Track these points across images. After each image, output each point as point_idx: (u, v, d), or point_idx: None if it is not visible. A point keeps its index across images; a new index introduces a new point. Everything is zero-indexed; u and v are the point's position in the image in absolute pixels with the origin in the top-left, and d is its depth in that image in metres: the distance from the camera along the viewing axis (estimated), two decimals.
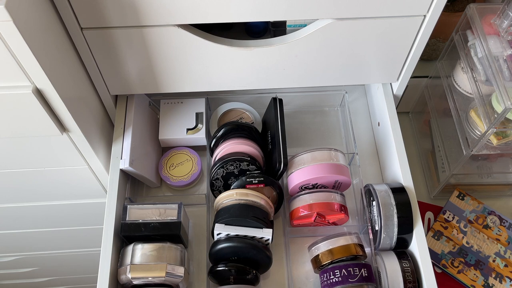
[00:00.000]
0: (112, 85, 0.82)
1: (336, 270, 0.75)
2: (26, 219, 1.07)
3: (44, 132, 0.72)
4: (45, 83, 0.63)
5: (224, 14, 0.68)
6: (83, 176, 0.88)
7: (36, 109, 0.66)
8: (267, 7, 0.68)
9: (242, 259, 0.77)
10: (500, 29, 0.78)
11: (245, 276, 0.77)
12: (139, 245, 0.75)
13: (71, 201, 1.00)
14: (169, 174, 0.89)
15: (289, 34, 0.77)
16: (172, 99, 0.94)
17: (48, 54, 0.62)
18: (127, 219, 0.77)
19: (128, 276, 0.72)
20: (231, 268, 0.75)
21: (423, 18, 0.73)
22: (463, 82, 0.86)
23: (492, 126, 0.77)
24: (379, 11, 0.71)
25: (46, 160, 0.82)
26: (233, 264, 0.76)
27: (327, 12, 0.70)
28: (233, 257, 0.77)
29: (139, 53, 0.75)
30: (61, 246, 1.25)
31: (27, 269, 1.37)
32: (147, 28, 0.70)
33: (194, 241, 0.87)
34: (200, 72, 0.80)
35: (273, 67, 0.80)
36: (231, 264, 0.76)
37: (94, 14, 0.67)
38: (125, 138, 0.84)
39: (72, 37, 0.71)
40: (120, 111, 0.87)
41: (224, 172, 0.82)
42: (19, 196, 0.97)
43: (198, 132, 0.90)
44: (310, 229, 0.85)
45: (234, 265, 0.76)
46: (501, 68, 0.76)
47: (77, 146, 0.77)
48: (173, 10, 0.67)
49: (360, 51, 0.78)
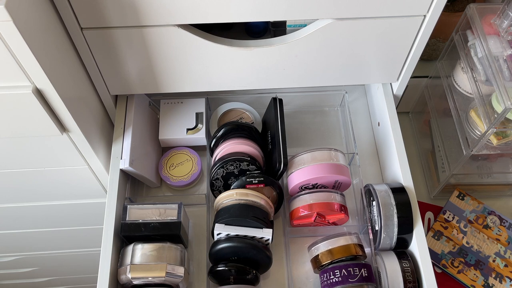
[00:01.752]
0: (112, 85, 0.82)
1: (336, 270, 0.75)
2: (26, 219, 1.07)
3: (44, 132, 0.72)
4: (45, 83, 0.63)
5: (224, 14, 0.68)
6: (83, 176, 0.88)
7: (36, 109, 0.66)
8: (267, 7, 0.68)
9: (242, 259, 0.77)
10: (500, 29, 0.78)
11: (245, 276, 0.77)
12: (139, 245, 0.75)
13: (71, 201, 1.00)
14: (169, 174, 0.89)
15: (289, 34, 0.77)
16: (172, 99, 0.94)
17: (48, 54, 0.62)
18: (127, 219, 0.77)
19: (128, 276, 0.72)
20: (231, 268, 0.75)
21: (423, 18, 0.73)
22: (463, 82, 0.86)
23: (492, 126, 0.77)
24: (379, 11, 0.71)
25: (46, 160, 0.82)
26: (233, 264, 0.76)
27: (327, 12, 0.70)
28: (233, 257, 0.77)
29: (139, 53, 0.75)
30: (61, 246, 1.25)
31: (27, 269, 1.37)
32: (147, 28, 0.70)
33: (194, 241, 0.87)
34: (200, 72, 0.80)
35: (273, 67, 0.80)
36: (231, 264, 0.76)
37: (94, 14, 0.67)
38: (125, 138, 0.84)
39: (72, 37, 0.71)
40: (120, 111, 0.87)
41: (224, 172, 0.82)
42: (19, 196, 0.97)
43: (198, 132, 0.90)
44: (310, 229, 0.85)
45: (234, 265, 0.76)
46: (501, 68, 0.76)
47: (77, 146, 0.77)
48: (173, 10, 0.67)
49: (360, 51, 0.78)
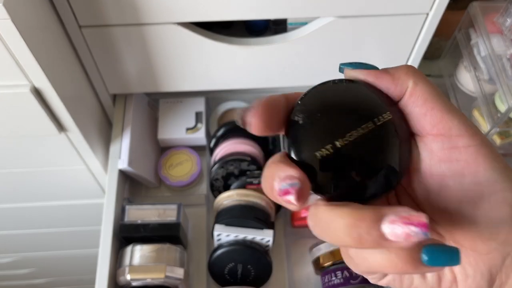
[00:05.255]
0: (111, 83, 0.81)
1: (338, 271, 0.74)
2: (24, 219, 1.07)
3: (41, 131, 0.71)
4: (43, 82, 0.62)
5: (224, 12, 0.68)
6: (81, 176, 0.87)
7: (34, 108, 0.65)
8: (268, 5, 0.67)
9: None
10: (503, 27, 0.78)
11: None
12: (138, 246, 0.74)
13: (68, 202, 0.99)
14: (168, 174, 0.88)
15: (290, 32, 0.76)
16: (171, 98, 0.93)
17: (46, 52, 0.61)
18: (125, 219, 0.77)
19: (126, 278, 0.71)
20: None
21: (426, 16, 0.72)
22: (466, 81, 0.86)
23: (495, 125, 0.76)
24: (381, 9, 0.70)
25: (43, 160, 0.81)
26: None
27: (328, 10, 0.70)
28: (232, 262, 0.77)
29: (138, 51, 0.74)
30: (59, 247, 1.24)
31: (24, 270, 1.36)
32: (146, 26, 0.69)
33: (194, 242, 0.86)
34: (200, 71, 0.79)
35: (273, 65, 0.79)
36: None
37: (93, 12, 0.66)
38: (124, 138, 0.83)
39: (71, 35, 0.70)
40: (118, 111, 0.86)
41: (224, 172, 0.82)
42: (16, 197, 0.96)
43: (197, 132, 0.89)
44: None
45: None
46: (504, 67, 0.75)
47: (75, 145, 0.77)
48: (173, 8, 0.66)
49: (362, 49, 0.78)
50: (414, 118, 0.28)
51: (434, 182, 0.28)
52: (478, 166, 0.26)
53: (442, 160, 0.27)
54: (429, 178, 0.28)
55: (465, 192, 0.27)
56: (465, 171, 0.27)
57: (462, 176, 0.27)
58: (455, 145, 0.27)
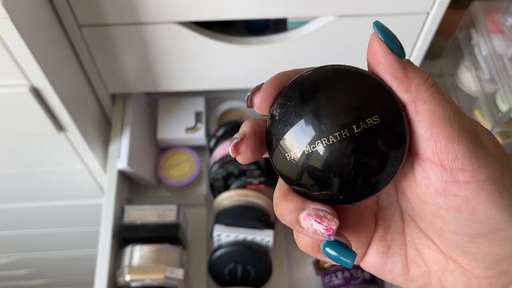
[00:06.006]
0: (110, 83, 0.80)
1: (338, 272, 0.74)
2: (22, 220, 1.06)
3: (40, 131, 0.70)
4: (42, 82, 0.61)
5: (224, 11, 0.67)
6: (80, 176, 0.87)
7: (33, 108, 0.64)
8: (268, 4, 0.67)
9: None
10: (504, 27, 0.77)
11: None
12: (137, 247, 0.74)
13: (67, 202, 0.99)
14: (168, 174, 0.88)
15: (290, 31, 0.76)
16: (171, 98, 0.93)
17: (45, 52, 0.61)
18: (125, 220, 0.76)
19: (126, 278, 0.71)
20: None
21: (427, 16, 0.72)
22: (467, 81, 0.85)
23: (496, 125, 0.76)
24: (381, 8, 0.70)
25: (42, 160, 0.81)
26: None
27: (329, 9, 0.69)
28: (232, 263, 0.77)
29: (138, 50, 0.73)
30: (58, 247, 1.24)
31: (23, 271, 1.36)
32: (146, 25, 0.69)
33: (194, 242, 0.86)
34: (200, 70, 0.79)
35: (274, 65, 0.79)
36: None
37: (92, 11, 0.66)
38: (123, 138, 0.83)
39: (70, 35, 0.69)
40: (118, 110, 0.86)
41: (224, 172, 0.81)
42: (14, 197, 0.96)
43: (197, 132, 0.89)
44: None
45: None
46: (505, 67, 0.75)
47: (74, 145, 0.76)
48: (172, 7, 0.66)
49: (363, 49, 0.77)
50: (416, 137, 0.25)
51: (428, 208, 0.26)
52: (479, 204, 0.24)
53: (438, 192, 0.25)
54: (423, 203, 0.26)
55: (461, 227, 0.25)
56: (462, 207, 0.24)
57: (458, 212, 0.24)
58: (455, 179, 0.24)
